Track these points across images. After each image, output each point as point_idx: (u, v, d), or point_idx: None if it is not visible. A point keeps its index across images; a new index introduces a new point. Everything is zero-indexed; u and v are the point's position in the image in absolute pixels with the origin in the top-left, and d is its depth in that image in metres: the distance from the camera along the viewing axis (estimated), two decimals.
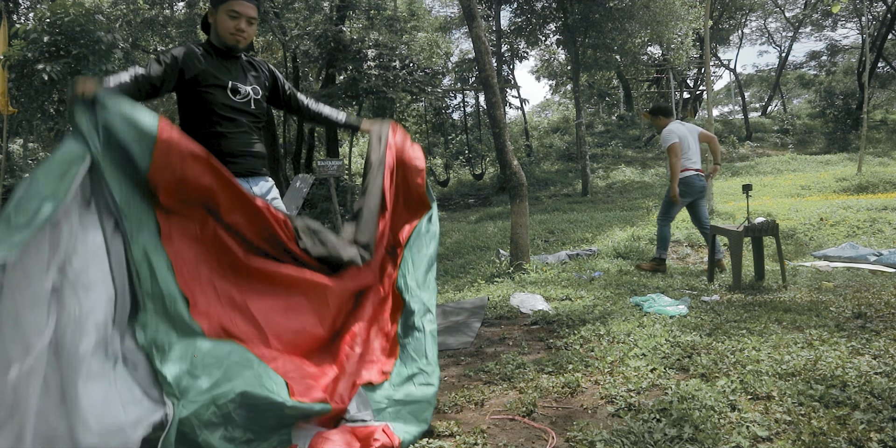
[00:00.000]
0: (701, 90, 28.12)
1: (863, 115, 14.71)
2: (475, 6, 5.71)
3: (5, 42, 8.91)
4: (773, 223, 4.44)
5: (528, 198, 5.73)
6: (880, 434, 1.79)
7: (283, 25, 14.99)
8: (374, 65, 14.13)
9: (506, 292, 4.82)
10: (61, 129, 9.36)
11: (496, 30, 18.08)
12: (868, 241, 6.27)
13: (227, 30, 2.34)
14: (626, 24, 15.20)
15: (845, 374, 2.24)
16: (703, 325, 3.24)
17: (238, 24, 2.34)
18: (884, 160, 17.42)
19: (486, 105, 6.22)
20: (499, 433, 2.07)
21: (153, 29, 16.59)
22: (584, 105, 22.83)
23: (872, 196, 10.22)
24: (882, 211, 7.51)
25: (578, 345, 3.04)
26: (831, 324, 3.07)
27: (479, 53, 5.72)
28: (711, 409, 2.04)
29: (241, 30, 2.36)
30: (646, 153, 22.47)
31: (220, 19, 2.35)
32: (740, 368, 2.41)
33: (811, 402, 2.04)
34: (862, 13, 22.93)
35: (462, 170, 21.63)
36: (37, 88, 8.61)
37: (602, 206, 13.06)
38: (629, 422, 2.01)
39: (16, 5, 13.90)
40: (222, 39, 2.37)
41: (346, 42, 14.23)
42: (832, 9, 6.24)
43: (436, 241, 2.46)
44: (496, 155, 6.21)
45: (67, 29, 8.54)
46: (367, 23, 15.59)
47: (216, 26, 2.38)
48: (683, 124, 5.58)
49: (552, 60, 25.32)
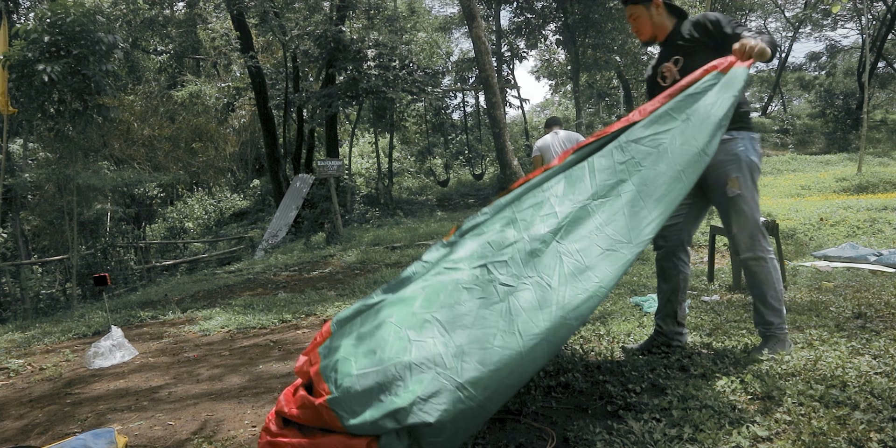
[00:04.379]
0: None
1: (863, 115, 14.71)
2: (475, 6, 5.72)
3: (5, 42, 8.90)
4: (773, 223, 4.44)
5: None
6: (880, 434, 1.79)
7: (283, 25, 14.99)
8: (374, 65, 14.13)
9: None
10: (61, 129, 9.37)
11: (496, 30, 18.08)
12: (868, 241, 6.27)
13: None
14: (626, 24, 15.20)
15: (845, 374, 2.24)
16: (703, 325, 3.24)
17: None
18: (884, 160, 17.42)
19: (486, 105, 6.23)
20: (499, 433, 2.08)
21: (153, 29, 16.59)
22: (584, 105, 22.82)
23: (872, 196, 10.22)
24: (882, 211, 7.51)
25: (578, 345, 3.04)
26: (831, 324, 3.07)
27: (479, 53, 5.73)
28: (711, 409, 2.04)
29: None
30: None
31: None
32: (740, 368, 2.41)
33: (811, 402, 2.04)
34: (862, 13, 22.93)
35: (462, 170, 21.63)
36: (37, 88, 8.60)
37: None
38: (629, 422, 2.01)
39: (16, 5, 13.89)
40: None
41: (346, 42, 14.23)
42: (832, 9, 6.24)
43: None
44: (496, 155, 6.23)
45: (68, 29, 8.54)
46: (367, 23, 15.59)
47: None
48: (557, 134, 5.81)
49: (552, 60, 25.30)
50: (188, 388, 3.28)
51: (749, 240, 2.56)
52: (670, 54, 2.71)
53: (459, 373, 1.77)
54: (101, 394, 3.37)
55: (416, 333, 1.94)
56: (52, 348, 5.00)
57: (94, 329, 5.70)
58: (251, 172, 26.84)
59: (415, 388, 1.78)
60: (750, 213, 2.54)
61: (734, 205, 2.55)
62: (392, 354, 1.88)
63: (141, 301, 7.63)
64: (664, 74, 2.72)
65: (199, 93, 18.10)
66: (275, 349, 4.07)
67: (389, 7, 16.62)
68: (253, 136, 23.36)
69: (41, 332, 5.98)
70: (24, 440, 2.70)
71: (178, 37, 17.31)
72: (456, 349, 1.84)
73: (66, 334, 5.59)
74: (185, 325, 5.42)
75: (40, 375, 3.99)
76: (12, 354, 4.82)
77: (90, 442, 2.28)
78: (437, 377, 1.79)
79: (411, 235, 10.83)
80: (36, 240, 16.24)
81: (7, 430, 2.89)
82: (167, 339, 4.87)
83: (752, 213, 2.55)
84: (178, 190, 24.77)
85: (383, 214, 15.81)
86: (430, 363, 1.83)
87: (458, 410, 1.70)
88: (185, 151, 19.29)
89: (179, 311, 6.30)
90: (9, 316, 10.18)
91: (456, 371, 1.78)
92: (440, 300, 2.04)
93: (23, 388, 3.72)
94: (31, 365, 4.35)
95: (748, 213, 2.54)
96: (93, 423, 2.83)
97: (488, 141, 19.74)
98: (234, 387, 3.21)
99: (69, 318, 6.95)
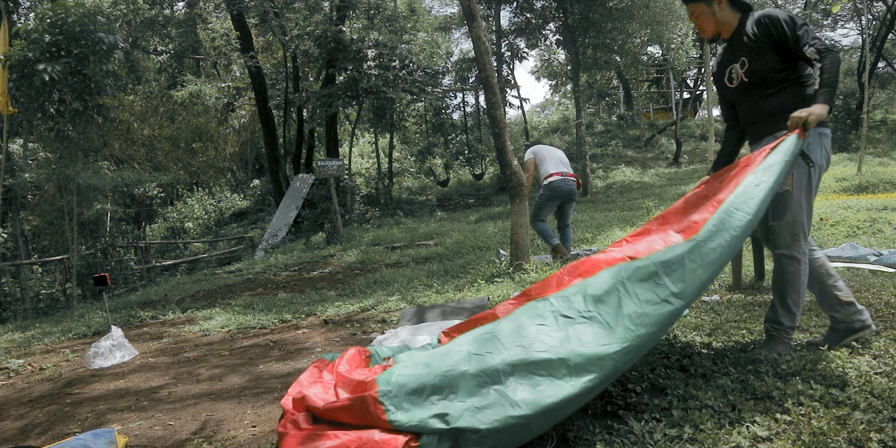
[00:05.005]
0: (701, 90, 28.13)
1: (863, 115, 14.70)
2: (475, 6, 5.71)
3: (6, 42, 8.90)
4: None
5: (528, 198, 5.73)
6: (880, 434, 1.79)
7: (283, 25, 14.98)
8: (374, 65, 14.13)
9: (506, 292, 4.82)
10: (61, 129, 9.37)
11: (496, 30, 18.07)
12: (868, 241, 6.26)
13: None
14: (626, 24, 15.21)
15: (845, 374, 2.24)
16: (703, 325, 3.24)
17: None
18: (884, 160, 17.41)
19: (486, 105, 6.22)
20: None
21: (153, 29, 16.58)
22: (584, 105, 22.83)
23: (872, 196, 10.22)
24: (882, 211, 7.50)
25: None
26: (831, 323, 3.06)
27: (479, 53, 5.72)
28: (711, 409, 2.04)
29: None
30: (646, 153, 22.48)
31: None
32: (740, 368, 2.41)
33: (811, 402, 2.04)
34: (862, 13, 22.93)
35: (462, 170, 21.63)
36: (37, 88, 8.60)
37: (602, 206, 13.06)
38: (629, 422, 2.01)
39: (16, 5, 13.89)
40: None
41: (346, 42, 14.23)
42: (832, 9, 6.24)
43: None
44: (496, 155, 6.22)
45: (68, 29, 8.53)
46: (367, 23, 15.59)
47: None
48: (543, 143, 6.50)
49: (552, 60, 25.30)
50: (188, 388, 3.28)
51: (790, 238, 2.52)
52: (735, 54, 2.64)
53: (515, 391, 1.88)
54: (101, 394, 3.37)
55: (478, 348, 2.07)
56: (52, 348, 5.01)
57: (94, 329, 5.70)
58: (251, 172, 26.84)
59: (470, 398, 1.88)
60: (793, 213, 2.50)
61: (782, 200, 2.51)
62: (451, 363, 2.00)
63: (141, 301, 7.63)
64: (731, 76, 2.67)
65: (199, 93, 18.09)
66: (275, 349, 4.07)
67: (389, 7, 16.62)
68: (253, 136, 23.35)
69: (41, 332, 5.98)
70: (24, 440, 2.70)
71: (178, 37, 17.29)
72: (513, 368, 1.95)
73: (66, 334, 5.59)
74: (185, 325, 5.42)
75: (40, 375, 3.99)
76: (12, 354, 4.82)
77: (90, 442, 2.28)
78: (492, 390, 1.89)
79: (411, 235, 10.84)
80: (36, 240, 16.24)
81: (7, 430, 2.89)
82: (167, 339, 4.87)
83: (796, 214, 2.50)
84: (178, 190, 24.76)
85: (383, 214, 15.81)
86: (487, 377, 1.93)
87: (507, 424, 1.79)
88: (185, 151, 19.29)
89: (179, 311, 6.30)
90: (9, 316, 10.19)
91: (513, 389, 1.89)
92: (506, 326, 2.22)
93: (23, 388, 3.72)
94: (31, 365, 4.35)
95: (792, 211, 2.50)
96: (93, 423, 2.83)
97: (488, 141, 19.73)
98: (234, 387, 3.21)
99: (69, 318, 6.95)
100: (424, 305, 4.79)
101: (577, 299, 2.21)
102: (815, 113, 2.32)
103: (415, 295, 5.41)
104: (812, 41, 2.39)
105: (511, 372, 1.93)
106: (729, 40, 2.71)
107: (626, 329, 2.02)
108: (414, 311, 4.53)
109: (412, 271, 7.11)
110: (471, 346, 2.11)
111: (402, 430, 1.82)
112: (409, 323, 4.16)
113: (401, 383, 1.95)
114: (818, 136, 2.51)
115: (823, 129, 2.52)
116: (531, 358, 1.96)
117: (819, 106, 2.33)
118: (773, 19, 2.48)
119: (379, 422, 1.86)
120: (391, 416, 1.85)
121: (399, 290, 5.89)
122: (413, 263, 8.08)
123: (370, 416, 1.88)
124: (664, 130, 24.21)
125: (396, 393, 1.92)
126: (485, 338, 2.15)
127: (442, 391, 1.92)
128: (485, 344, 2.10)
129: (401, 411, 1.87)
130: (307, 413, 2.04)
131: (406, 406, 1.89)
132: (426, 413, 1.85)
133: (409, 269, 7.51)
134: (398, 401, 1.90)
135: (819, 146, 2.51)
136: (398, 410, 1.87)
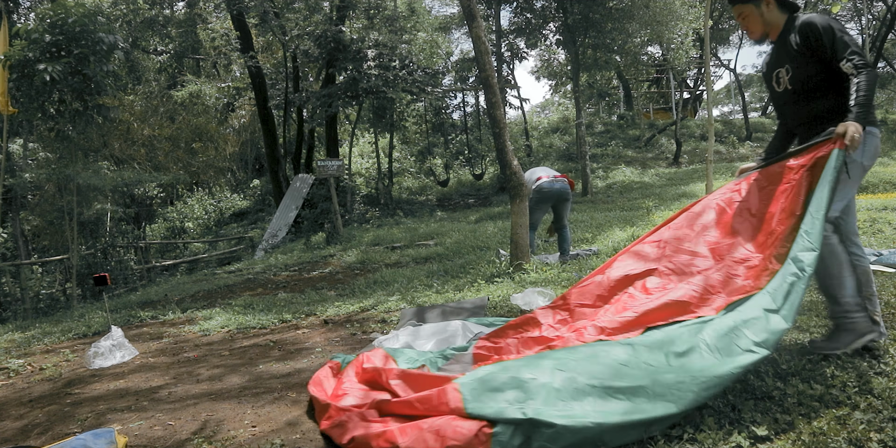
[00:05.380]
0: (701, 90, 28.13)
1: None
2: (475, 6, 5.71)
3: (6, 42, 8.90)
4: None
5: (528, 198, 5.73)
6: (880, 434, 1.79)
7: (283, 25, 14.99)
8: (374, 65, 14.13)
9: (506, 292, 4.82)
10: (61, 129, 9.37)
11: (496, 30, 18.07)
12: (868, 241, 6.26)
13: None
14: (626, 24, 15.20)
15: (845, 374, 2.24)
16: None
17: None
18: (884, 160, 17.40)
19: (486, 105, 6.22)
20: None
21: (153, 29, 16.58)
22: (584, 105, 22.82)
23: (872, 196, 10.21)
24: (882, 211, 7.50)
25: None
26: (831, 324, 3.06)
27: (479, 53, 5.72)
28: (711, 409, 2.04)
29: None
30: (646, 153, 22.48)
31: None
32: None
33: (811, 402, 2.04)
34: (862, 13, 22.94)
35: (462, 170, 21.62)
36: (37, 88, 8.60)
37: (602, 206, 13.06)
38: None
39: (16, 5, 13.88)
40: None
41: (346, 42, 14.23)
42: (832, 9, 6.24)
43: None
44: (496, 155, 6.21)
45: (69, 29, 8.53)
46: (367, 23, 15.58)
47: None
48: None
49: (552, 60, 25.29)
50: (188, 388, 3.28)
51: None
52: (781, 58, 2.63)
53: (595, 403, 1.99)
54: (100, 394, 3.37)
55: (561, 364, 2.17)
56: (52, 348, 5.00)
57: (94, 329, 5.70)
58: (251, 172, 26.83)
59: (548, 401, 1.99)
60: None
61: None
62: (535, 374, 2.11)
63: (141, 301, 7.63)
64: (778, 79, 2.66)
65: (199, 93, 18.09)
66: (275, 349, 4.07)
67: (389, 7, 16.61)
68: (253, 136, 23.35)
69: (41, 332, 5.98)
70: (24, 440, 2.70)
71: (178, 37, 17.30)
72: (595, 382, 2.05)
73: (66, 334, 5.59)
74: (185, 325, 5.42)
75: (40, 375, 3.99)
76: (12, 354, 4.82)
77: (90, 442, 2.28)
78: (571, 401, 1.99)
79: (411, 235, 10.84)
80: (36, 240, 16.23)
81: (7, 430, 2.89)
82: (167, 339, 4.87)
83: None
84: (178, 190, 24.75)
85: (383, 214, 15.81)
86: (569, 390, 2.03)
87: (582, 426, 1.85)
88: (185, 151, 19.27)
89: (179, 311, 6.30)
90: (9, 316, 10.19)
91: (592, 402, 1.98)
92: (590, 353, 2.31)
93: (23, 388, 3.72)
94: (31, 365, 4.35)
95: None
96: (93, 423, 2.83)
97: (488, 141, 19.72)
98: (234, 387, 3.21)
99: (69, 318, 6.95)
100: (424, 305, 4.79)
101: (658, 354, 2.23)
102: (856, 133, 2.29)
103: (415, 295, 5.41)
104: (850, 56, 2.37)
105: (591, 392, 2.02)
106: (776, 41, 2.69)
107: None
108: (414, 311, 4.53)
109: (412, 271, 7.11)
110: (554, 361, 2.20)
111: (477, 417, 1.94)
112: (409, 323, 4.16)
113: (481, 378, 2.12)
114: (866, 135, 2.44)
115: (872, 128, 2.48)
116: (614, 385, 2.05)
117: (853, 125, 2.30)
118: (814, 29, 2.46)
119: (455, 410, 2.00)
120: (468, 404, 2.00)
121: (399, 290, 5.89)
122: (413, 263, 8.08)
123: (442, 403, 2.04)
124: (664, 130, 24.20)
125: (477, 386, 2.08)
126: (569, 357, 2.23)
127: (522, 389, 2.04)
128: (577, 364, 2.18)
129: (478, 402, 2.01)
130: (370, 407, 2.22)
131: (484, 398, 2.03)
132: (503, 405, 1.97)
133: (409, 269, 7.51)
134: (477, 393, 2.05)
135: (862, 146, 2.45)
136: (475, 401, 2.01)
